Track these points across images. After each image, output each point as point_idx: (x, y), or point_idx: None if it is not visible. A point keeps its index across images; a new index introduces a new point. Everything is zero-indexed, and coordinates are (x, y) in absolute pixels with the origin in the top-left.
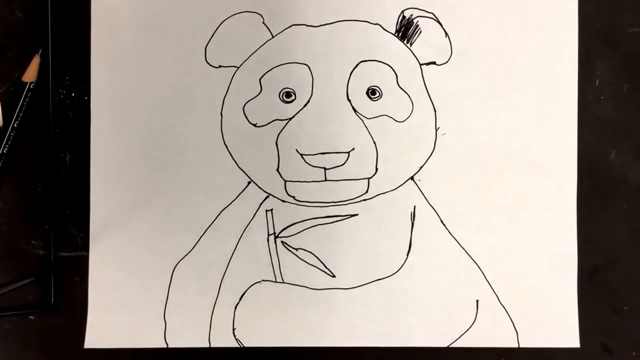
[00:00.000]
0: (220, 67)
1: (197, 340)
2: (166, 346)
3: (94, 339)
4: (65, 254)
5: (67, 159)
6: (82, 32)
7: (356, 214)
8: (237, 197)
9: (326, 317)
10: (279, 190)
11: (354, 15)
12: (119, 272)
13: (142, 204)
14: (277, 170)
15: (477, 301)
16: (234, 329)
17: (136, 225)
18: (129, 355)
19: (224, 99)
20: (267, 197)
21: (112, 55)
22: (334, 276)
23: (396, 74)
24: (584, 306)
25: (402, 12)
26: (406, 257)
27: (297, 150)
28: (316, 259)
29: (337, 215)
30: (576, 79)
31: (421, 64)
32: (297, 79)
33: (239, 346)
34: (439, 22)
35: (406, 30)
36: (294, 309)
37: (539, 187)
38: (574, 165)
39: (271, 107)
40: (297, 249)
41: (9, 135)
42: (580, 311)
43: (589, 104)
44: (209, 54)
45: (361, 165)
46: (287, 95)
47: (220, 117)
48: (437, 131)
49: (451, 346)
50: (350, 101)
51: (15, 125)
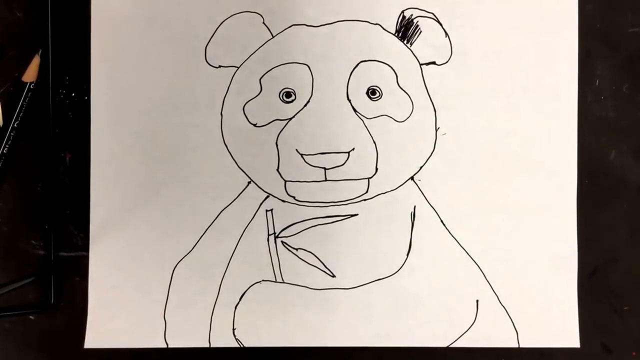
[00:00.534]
0: (220, 67)
1: (197, 340)
2: (166, 346)
3: (94, 339)
4: (65, 254)
5: (67, 159)
6: (82, 32)
7: (356, 214)
8: (237, 197)
9: (326, 317)
10: (279, 190)
11: (354, 15)
12: (119, 272)
13: (142, 204)
14: (277, 170)
15: (477, 301)
16: (234, 329)
17: (136, 225)
18: (129, 355)
19: (224, 99)
20: (267, 197)
21: (112, 55)
22: (334, 276)
23: (396, 74)
24: (584, 306)
25: (402, 12)
26: (406, 257)
27: (297, 150)
28: (316, 259)
29: (337, 215)
30: (576, 79)
31: (421, 64)
32: (297, 79)
33: (239, 346)
34: (439, 22)
35: (406, 30)
36: (294, 309)
37: (539, 187)
38: (574, 165)
39: (271, 107)
40: (297, 249)
41: (9, 135)
42: (580, 311)
43: (589, 104)
44: (209, 54)
45: (361, 165)
46: (287, 95)
47: (220, 117)
48: (437, 131)
49: (451, 346)
50: (350, 101)
51: (15, 125)
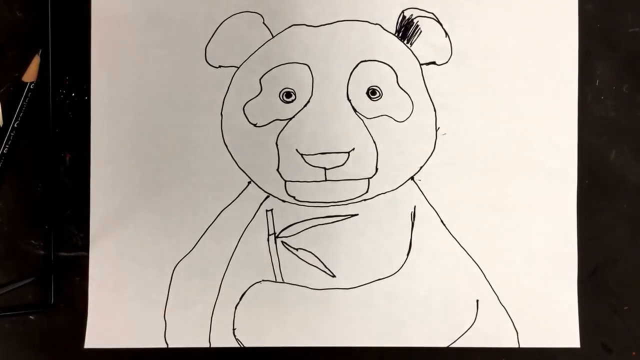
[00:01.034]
0: (220, 67)
1: (197, 340)
2: (166, 346)
3: (94, 339)
4: (65, 254)
5: (67, 159)
6: (82, 32)
7: (356, 214)
8: (237, 197)
9: (326, 317)
10: (279, 190)
11: (354, 15)
12: (119, 272)
13: (142, 204)
14: (277, 170)
15: (477, 301)
16: (234, 329)
17: (136, 225)
18: (129, 355)
19: (224, 99)
20: (267, 197)
21: (112, 55)
22: (334, 276)
23: (396, 74)
24: (584, 306)
25: (402, 12)
26: (406, 257)
27: (297, 150)
28: (316, 259)
29: (338, 215)
30: (576, 79)
31: (421, 64)
32: (297, 79)
33: (239, 346)
34: (439, 22)
35: (406, 30)
36: (294, 309)
37: (539, 187)
38: (574, 165)
39: (271, 107)
40: (297, 249)
41: (9, 135)
42: (580, 311)
43: (589, 104)
44: (209, 54)
45: (361, 165)
46: (287, 95)
47: (220, 117)
48: (437, 131)
49: (451, 346)
50: (350, 101)
51: (15, 125)
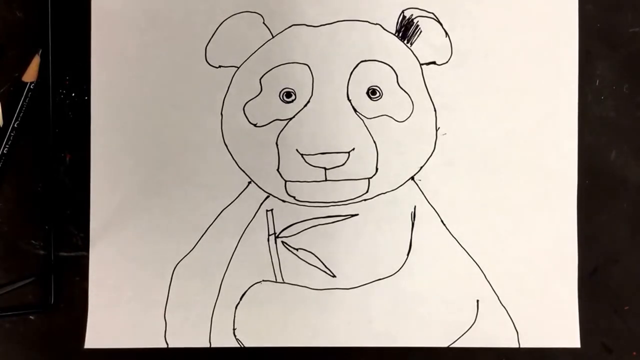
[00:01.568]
0: (220, 67)
1: (198, 340)
2: (166, 346)
3: (94, 339)
4: (65, 254)
5: (67, 159)
6: (82, 32)
7: (356, 214)
8: (238, 197)
9: (326, 317)
10: (279, 190)
11: (354, 15)
12: (119, 272)
13: (142, 204)
14: (278, 170)
15: (477, 301)
16: (234, 329)
17: (136, 225)
18: (129, 355)
19: (224, 99)
20: (268, 197)
21: (112, 55)
22: (334, 276)
23: (396, 73)
24: (584, 306)
25: (403, 12)
26: (406, 257)
27: (297, 150)
28: (316, 259)
29: (338, 215)
30: (576, 79)
31: (421, 64)
32: (297, 79)
33: (239, 346)
34: (439, 22)
35: (406, 30)
36: (294, 309)
37: (539, 187)
38: (574, 165)
39: (271, 107)
40: (297, 249)
41: (9, 135)
42: (580, 311)
43: (589, 104)
44: (209, 54)
45: (361, 165)
46: (287, 95)
47: (220, 117)
48: (437, 131)
49: (451, 346)
50: (350, 101)
51: (15, 125)
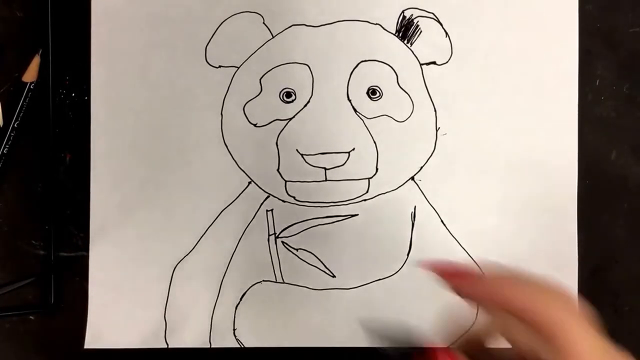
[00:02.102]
0: (220, 67)
1: (198, 340)
2: (166, 346)
3: (94, 339)
4: (65, 254)
5: (67, 159)
6: (82, 32)
7: (356, 214)
8: (238, 197)
9: (326, 317)
10: (279, 190)
11: (354, 15)
12: (119, 272)
13: (142, 204)
14: (278, 170)
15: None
16: (234, 329)
17: (136, 225)
18: (129, 355)
19: (224, 99)
20: (268, 197)
21: (112, 55)
22: (334, 276)
23: (396, 73)
24: (584, 306)
25: (403, 12)
26: (406, 257)
27: (297, 150)
28: (316, 259)
29: (338, 215)
30: (576, 79)
31: (421, 64)
32: (297, 79)
33: (239, 346)
34: (439, 22)
35: (406, 30)
36: (294, 309)
37: (539, 187)
38: (574, 165)
39: (271, 107)
40: (297, 249)
41: (9, 135)
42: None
43: (590, 104)
44: (209, 54)
45: (361, 165)
46: (288, 95)
47: (220, 117)
48: (437, 131)
49: (451, 346)
50: (350, 101)
51: (15, 125)
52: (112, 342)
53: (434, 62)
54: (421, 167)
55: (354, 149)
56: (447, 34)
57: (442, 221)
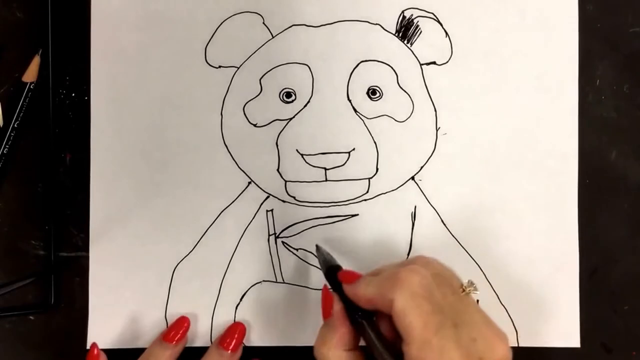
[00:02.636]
0: (220, 67)
1: (198, 340)
2: None
3: (94, 339)
4: (65, 254)
5: (67, 159)
6: (82, 32)
7: (357, 214)
8: (238, 197)
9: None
10: (279, 190)
11: (354, 15)
12: (119, 272)
13: (142, 204)
14: (278, 170)
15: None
16: None
17: (136, 225)
18: (129, 355)
19: (224, 99)
20: (268, 197)
21: (112, 55)
22: None
23: (396, 74)
24: (584, 306)
25: (403, 12)
26: (407, 257)
27: (297, 150)
28: (316, 259)
29: (338, 215)
30: (576, 79)
31: (421, 64)
32: (298, 79)
33: None
34: (439, 22)
35: (406, 30)
36: (294, 309)
37: (540, 187)
38: (574, 165)
39: (271, 107)
40: (297, 249)
41: (9, 135)
42: (580, 311)
43: (590, 104)
44: (209, 54)
45: (362, 165)
46: (288, 95)
47: (220, 117)
48: (437, 131)
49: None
50: (350, 101)
51: (15, 125)
52: (112, 342)
53: (434, 62)
54: (421, 167)
55: (354, 149)
56: (447, 34)
57: (442, 221)
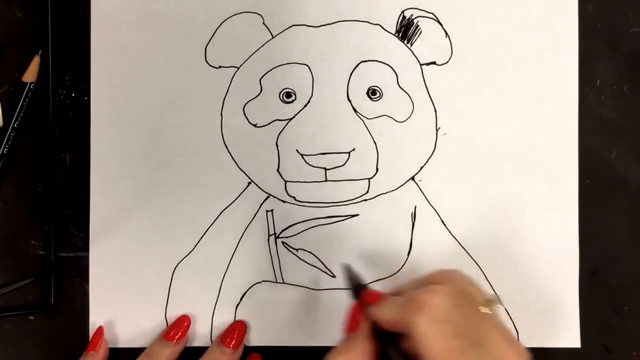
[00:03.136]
0: (220, 67)
1: (198, 340)
2: None
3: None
4: (65, 254)
5: (67, 159)
6: (82, 32)
7: (357, 214)
8: (238, 197)
9: (326, 317)
10: (279, 190)
11: (354, 15)
12: (119, 272)
13: (142, 204)
14: (278, 170)
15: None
16: None
17: (136, 225)
18: (129, 355)
19: (224, 99)
20: (268, 197)
21: (112, 55)
22: (334, 276)
23: (396, 74)
24: (584, 306)
25: (402, 12)
26: (407, 257)
27: (297, 150)
28: (316, 259)
29: (338, 215)
30: (576, 79)
31: (421, 64)
32: (298, 80)
33: None
34: (439, 22)
35: (406, 30)
36: (294, 309)
37: (540, 187)
38: (574, 165)
39: (271, 107)
40: (297, 250)
41: (9, 135)
42: (580, 311)
43: (590, 104)
44: (209, 54)
45: (362, 165)
46: (288, 95)
47: (220, 117)
48: (437, 131)
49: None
50: (350, 101)
51: (15, 125)
52: (112, 342)
53: (434, 62)
54: (421, 167)
55: (354, 149)
56: (447, 34)
57: (442, 221)
